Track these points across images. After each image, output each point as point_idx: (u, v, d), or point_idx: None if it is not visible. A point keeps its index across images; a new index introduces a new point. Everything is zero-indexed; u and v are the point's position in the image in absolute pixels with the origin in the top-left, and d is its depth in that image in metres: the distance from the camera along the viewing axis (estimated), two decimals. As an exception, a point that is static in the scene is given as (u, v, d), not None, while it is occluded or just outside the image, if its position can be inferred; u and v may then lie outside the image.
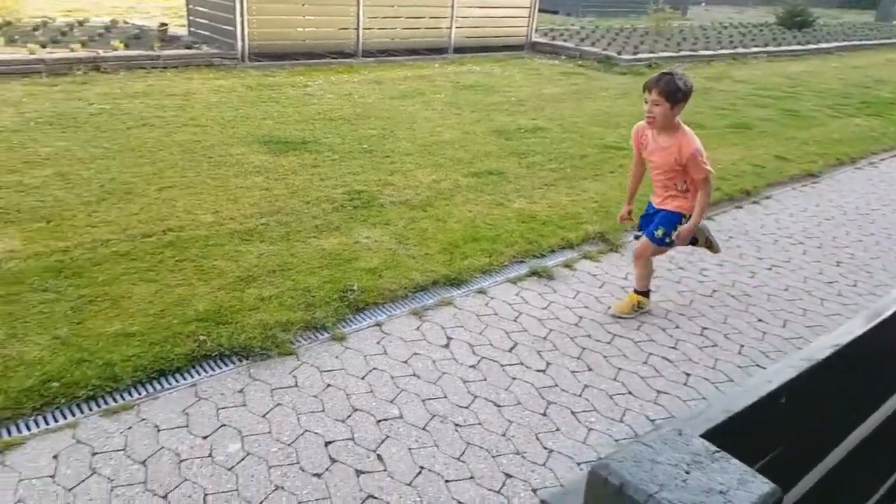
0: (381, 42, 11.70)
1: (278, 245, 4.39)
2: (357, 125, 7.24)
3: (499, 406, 3.17)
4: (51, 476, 2.55)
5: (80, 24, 11.44)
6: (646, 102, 3.53)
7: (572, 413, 3.17)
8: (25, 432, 2.76)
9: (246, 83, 8.82)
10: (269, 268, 4.09)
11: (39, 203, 4.71)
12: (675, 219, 3.78)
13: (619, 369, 3.53)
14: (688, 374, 3.54)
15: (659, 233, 3.80)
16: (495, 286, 4.25)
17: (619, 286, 4.37)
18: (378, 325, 3.73)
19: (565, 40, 14.05)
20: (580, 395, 3.29)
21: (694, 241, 4.09)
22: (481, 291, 4.17)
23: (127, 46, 9.80)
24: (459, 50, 12.54)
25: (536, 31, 13.95)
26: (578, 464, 2.86)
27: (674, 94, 3.45)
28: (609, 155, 6.89)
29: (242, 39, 10.06)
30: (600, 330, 3.87)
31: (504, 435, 2.99)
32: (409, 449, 2.85)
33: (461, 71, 10.89)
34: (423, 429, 2.98)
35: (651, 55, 13.05)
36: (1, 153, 5.59)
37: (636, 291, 4.03)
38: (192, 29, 11.55)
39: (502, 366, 3.47)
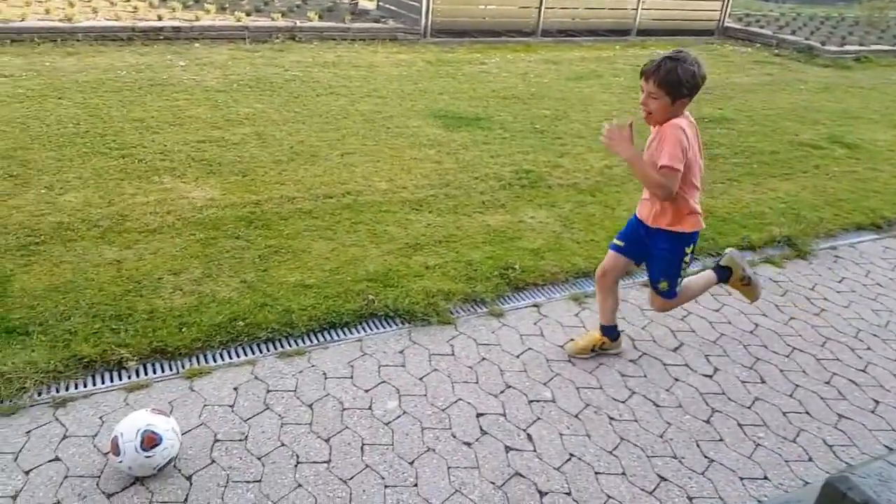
0: (561, 22, 11.49)
1: (445, 217, 4.48)
2: (530, 104, 7.19)
3: (658, 406, 3.03)
4: (230, 405, 2.81)
5: (282, -5, 12.32)
6: (642, 91, 2.79)
7: (739, 425, 2.95)
8: (212, 363, 3.05)
9: (426, 58, 9.06)
10: (436, 238, 4.19)
11: (237, 158, 5.16)
12: (675, 253, 3.01)
13: (797, 386, 3.23)
14: (877, 402, 3.17)
15: (664, 286, 3.11)
16: (663, 281, 4.05)
17: (805, 296, 3.99)
18: (536, 306, 3.69)
19: (762, 27, 12.99)
20: (749, 408, 3.06)
21: (727, 277, 3.39)
22: (646, 285, 3.99)
23: (321, 18, 10.42)
24: (644, 33, 12.01)
25: (730, 16, 13.02)
26: (741, 479, 2.67)
27: (676, 86, 2.69)
28: (803, 153, 6.30)
29: (426, 15, 10.32)
30: (778, 341, 3.56)
31: (661, 436, 2.85)
32: (560, 434, 2.81)
33: (643, 54, 10.42)
34: (576, 416, 2.92)
35: (861, 48, 11.73)
36: (208, 111, 6.18)
37: (602, 326, 3.28)
38: (380, 3, 12.04)
39: (665, 365, 3.31)
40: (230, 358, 3.10)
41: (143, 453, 2.35)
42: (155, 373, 2.96)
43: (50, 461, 2.46)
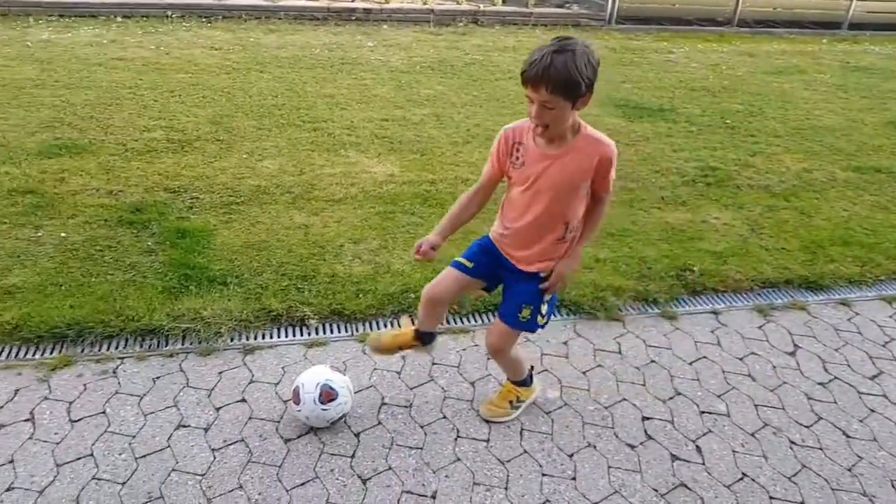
0: (761, 11, 10.64)
1: (620, 210, 4.32)
2: (720, 98, 6.73)
3: (849, 436, 2.72)
4: (398, 372, 2.91)
5: (467, -19, 12.51)
6: (530, 102, 2.09)
7: (949, 473, 2.58)
8: (382, 329, 3.18)
9: (609, 45, 8.78)
10: (609, 230, 4.05)
11: (416, 137, 5.31)
12: (540, 281, 2.38)
13: None
14: None
15: (525, 313, 2.39)
16: (864, 301, 3.63)
17: None
18: (715, 313, 3.46)
19: None
20: (964, 455, 2.67)
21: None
22: (844, 303, 3.60)
23: (504, 3, 10.45)
24: (856, 26, 10.81)
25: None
26: (949, 535, 2.33)
27: (574, 87, 1.99)
28: None
29: (613, 1, 9.99)
30: None
31: (850, 470, 2.56)
32: (734, 451, 2.62)
33: (854, 50, 9.39)
34: (752, 435, 2.70)
35: None
36: (391, 90, 6.43)
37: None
38: (564, -11, 11.83)
39: (860, 393, 2.97)
40: (400, 327, 3.20)
41: (320, 406, 2.50)
42: (332, 332, 3.14)
43: (237, 402, 2.69)
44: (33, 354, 2.88)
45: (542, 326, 2.46)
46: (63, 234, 3.64)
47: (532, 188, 2.25)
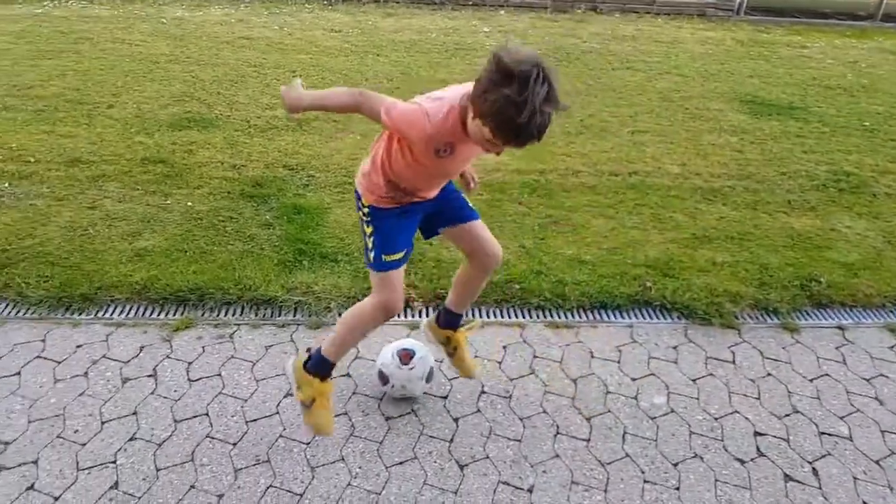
0: (909, 4, 9.75)
1: (742, 212, 4.09)
2: (859, 98, 6.23)
3: None
4: (498, 362, 2.89)
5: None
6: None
7: None
8: (485, 318, 3.16)
9: (736, 37, 8.32)
10: (728, 233, 3.85)
11: (528, 125, 5.23)
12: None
13: None
14: None
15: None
16: None
17: None
18: (840, 328, 3.22)
19: None
20: None
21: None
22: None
23: (625, -9, 10.11)
24: None
25: None
26: None
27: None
28: None
29: (742, -9, 9.46)
30: None
31: None
32: (854, 478, 2.43)
33: None
34: (877, 462, 2.50)
35: None
36: (505, 77, 6.36)
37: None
38: (689, -23, 11.30)
39: None
40: (502, 317, 3.18)
41: (405, 367, 2.55)
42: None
43: (343, 375, 2.77)
44: (158, 314, 3.07)
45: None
46: (189, 204, 3.86)
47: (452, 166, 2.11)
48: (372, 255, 2.20)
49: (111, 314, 3.04)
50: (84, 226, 3.58)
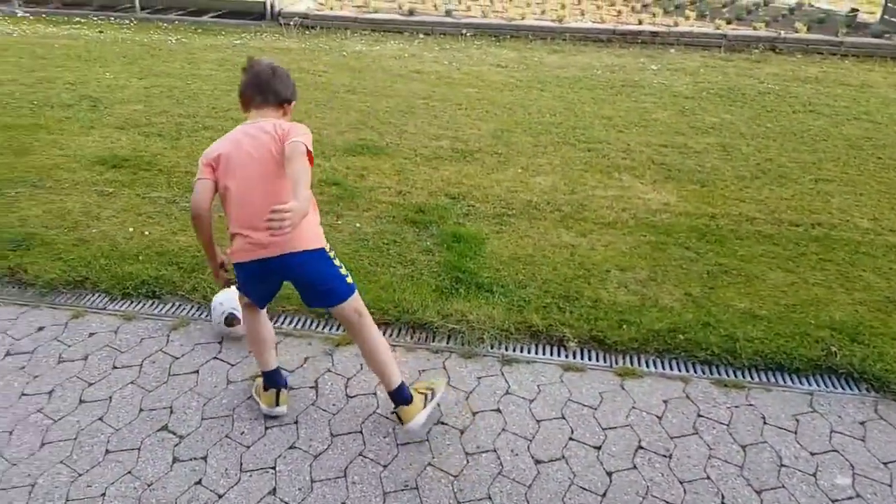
0: None
1: (948, 276, 3.61)
2: None
3: None
4: (658, 416, 2.72)
5: (766, 3, 11.57)
6: None
7: None
8: (644, 368, 3.00)
9: (942, 81, 7.49)
10: (930, 299, 3.41)
11: (698, 167, 4.99)
12: None
13: None
14: None
15: None
16: None
17: None
18: None
19: None
20: None
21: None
22: None
23: (809, 30, 9.47)
24: None
25: None
26: None
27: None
28: None
29: (952, 30, 8.51)
30: None
31: None
32: None
33: None
34: None
35: None
36: (673, 116, 6.14)
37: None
38: (885, 17, 10.37)
39: None
40: (663, 368, 3.01)
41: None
42: (590, 360, 3.04)
43: (492, 410, 2.73)
44: (322, 328, 3.21)
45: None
46: (358, 225, 4.04)
47: None
48: (349, 279, 2.49)
49: (282, 324, 3.22)
50: (263, 239, 3.85)
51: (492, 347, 3.10)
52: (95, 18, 10.04)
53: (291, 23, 9.81)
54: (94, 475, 2.38)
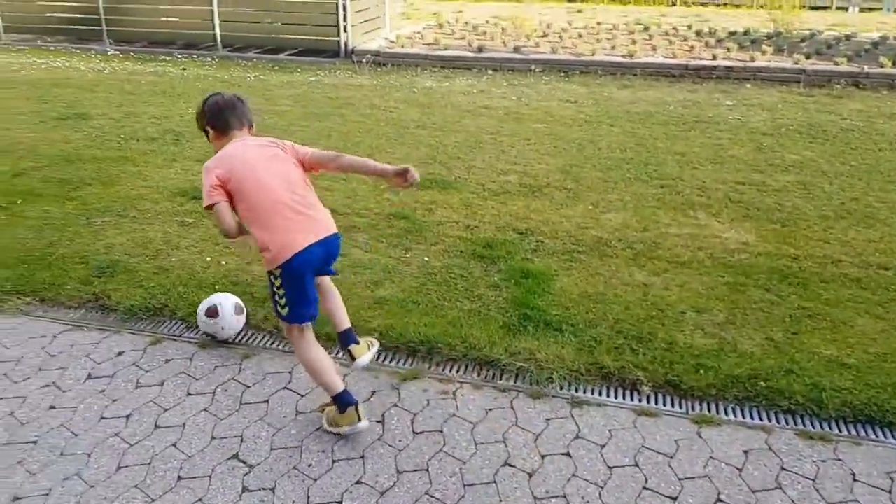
0: None
1: None
2: None
3: None
4: (738, 468, 2.57)
5: (847, 38, 11.18)
6: None
7: None
8: (723, 415, 2.86)
9: None
10: None
11: (777, 206, 4.81)
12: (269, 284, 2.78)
13: None
14: None
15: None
16: None
17: None
18: None
19: None
20: None
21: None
22: None
23: (894, 64, 9.08)
24: None
25: None
26: None
27: (197, 124, 2.89)
28: None
29: None
30: None
31: None
32: None
33: None
34: None
35: None
36: (750, 152, 5.96)
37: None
38: (980, 49, 9.86)
39: None
40: (743, 416, 2.86)
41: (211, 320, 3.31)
42: (665, 405, 2.93)
43: (562, 454, 2.64)
44: (389, 362, 3.21)
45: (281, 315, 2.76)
46: (426, 259, 4.05)
47: None
48: None
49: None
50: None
51: (561, 388, 3.02)
52: (179, 56, 10.58)
53: (364, 60, 10.10)
54: (166, 501, 2.43)
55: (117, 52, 10.85)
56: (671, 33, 11.65)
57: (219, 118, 2.79)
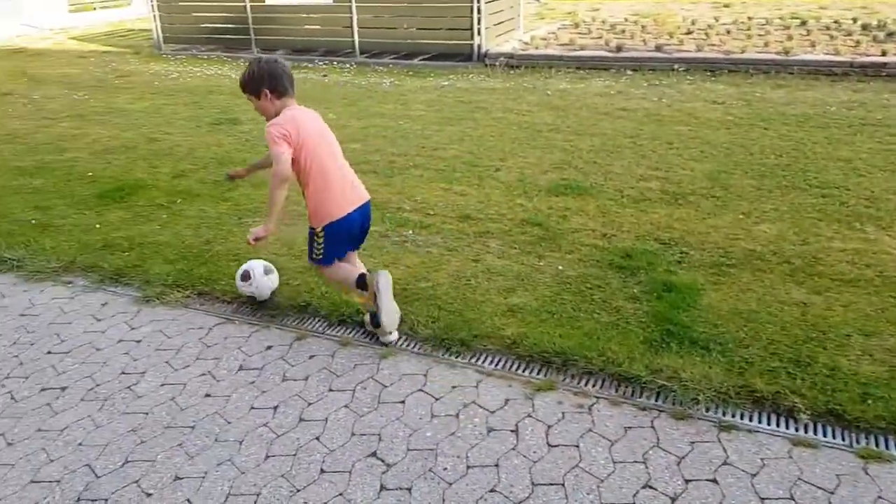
0: None
1: None
2: None
3: None
4: (916, 515, 2.30)
5: None
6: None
7: None
8: (893, 452, 2.57)
9: None
10: None
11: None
12: (310, 233, 3.33)
13: None
14: None
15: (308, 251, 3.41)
16: None
17: None
18: None
19: None
20: None
21: (363, 285, 3.32)
22: None
23: None
24: None
25: None
26: None
27: (247, 86, 3.16)
28: None
29: None
30: None
31: None
32: None
33: None
34: None
35: None
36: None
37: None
38: None
39: None
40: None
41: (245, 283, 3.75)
42: (825, 435, 2.67)
43: (708, 480, 2.48)
44: (523, 371, 3.16)
45: (313, 259, 3.37)
46: (560, 267, 3.97)
47: None
48: None
49: (483, 362, 3.23)
50: (468, 276, 3.92)
51: (707, 410, 2.84)
52: (320, 63, 11.10)
53: (497, 63, 10.11)
54: (309, 493, 2.52)
55: (267, 61, 11.57)
56: (832, 27, 10.73)
57: (280, 82, 3.13)
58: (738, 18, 12.23)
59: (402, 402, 2.99)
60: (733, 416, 2.81)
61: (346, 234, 3.32)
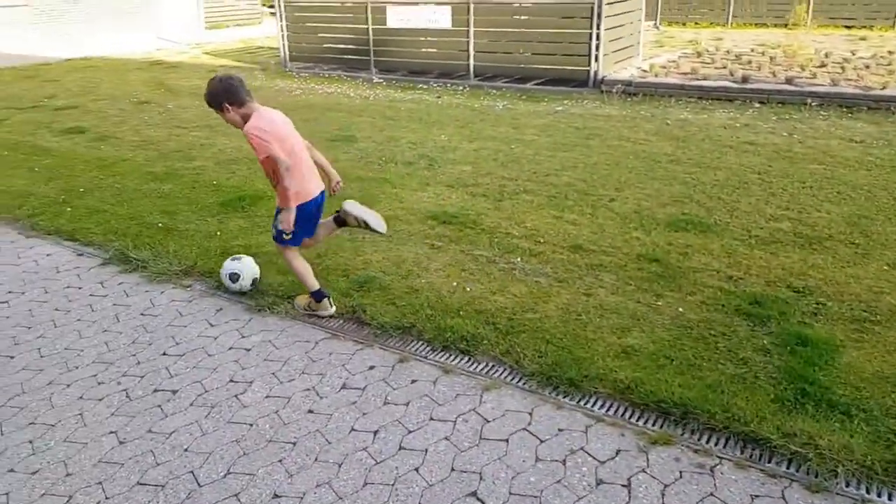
0: None
1: None
2: None
3: None
4: None
5: None
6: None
7: None
8: None
9: None
10: None
11: None
12: (277, 212, 3.73)
13: None
14: None
15: (273, 232, 3.83)
16: None
17: None
18: None
19: None
20: None
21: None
22: None
23: None
24: None
25: None
26: None
27: (211, 104, 3.54)
28: None
29: None
30: None
31: None
32: None
33: None
34: None
35: None
36: None
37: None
38: None
39: None
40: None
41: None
42: None
43: None
44: (637, 420, 2.95)
45: (284, 239, 3.75)
46: (680, 309, 3.71)
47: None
48: None
49: (592, 405, 3.04)
50: (578, 311, 3.74)
51: (847, 485, 2.53)
52: (435, 85, 11.22)
53: (614, 90, 9.85)
54: (406, 528, 2.43)
55: (381, 80, 11.83)
56: None
57: (237, 94, 3.49)
58: (878, 52, 11.37)
59: (506, 440, 2.86)
60: (879, 494, 2.49)
61: (314, 213, 3.78)
